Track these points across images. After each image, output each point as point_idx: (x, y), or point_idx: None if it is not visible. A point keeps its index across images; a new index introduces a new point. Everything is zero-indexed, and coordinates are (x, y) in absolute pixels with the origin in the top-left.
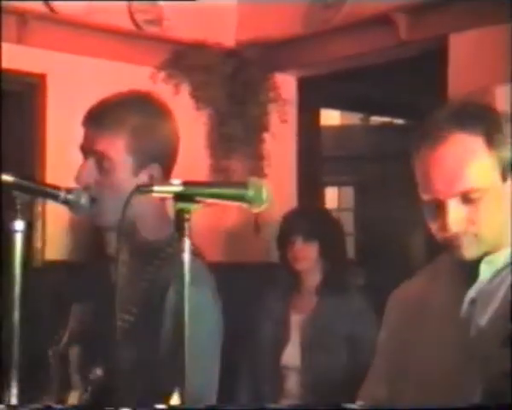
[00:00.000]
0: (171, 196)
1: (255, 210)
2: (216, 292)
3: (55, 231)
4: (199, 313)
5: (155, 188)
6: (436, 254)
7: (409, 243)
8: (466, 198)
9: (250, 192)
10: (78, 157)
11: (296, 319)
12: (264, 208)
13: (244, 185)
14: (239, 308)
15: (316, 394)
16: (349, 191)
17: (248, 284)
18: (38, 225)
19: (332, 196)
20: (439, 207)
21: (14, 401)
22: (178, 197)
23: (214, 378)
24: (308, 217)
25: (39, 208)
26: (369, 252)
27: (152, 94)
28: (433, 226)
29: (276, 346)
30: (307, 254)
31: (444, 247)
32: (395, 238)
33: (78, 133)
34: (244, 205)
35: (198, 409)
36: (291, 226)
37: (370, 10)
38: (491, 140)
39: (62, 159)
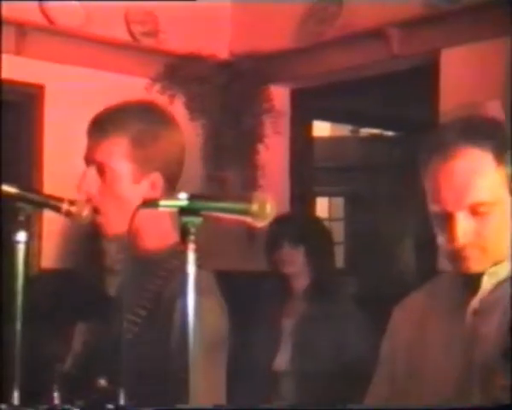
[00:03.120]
0: (176, 209)
1: (259, 224)
2: (223, 302)
3: (51, 240)
4: (207, 326)
5: (161, 202)
6: (425, 265)
7: (398, 252)
8: (474, 211)
9: (254, 207)
10: (76, 167)
11: (287, 324)
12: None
13: (249, 200)
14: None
15: (307, 399)
16: (340, 202)
17: (241, 292)
18: (35, 233)
19: (323, 206)
20: (448, 219)
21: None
22: (184, 211)
23: (222, 388)
24: (296, 222)
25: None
26: (359, 261)
27: (155, 102)
28: (441, 238)
29: (268, 351)
30: (294, 259)
31: (442, 258)
32: (385, 248)
33: (77, 143)
34: (248, 219)
35: (205, 409)
36: (279, 231)
37: (364, 24)
38: (500, 156)
39: (60, 169)
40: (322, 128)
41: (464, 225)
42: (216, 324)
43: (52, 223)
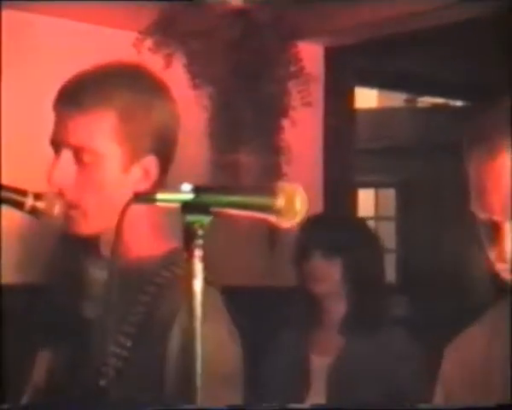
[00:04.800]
0: (178, 205)
1: (286, 224)
2: (234, 330)
3: (9, 247)
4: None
5: (158, 196)
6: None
7: (465, 263)
8: None
9: (280, 201)
10: (44, 150)
11: (319, 363)
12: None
13: (272, 192)
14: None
15: None
16: (390, 195)
17: (258, 315)
18: None
19: (368, 201)
20: (496, 230)
21: None
22: (188, 207)
23: None
24: (331, 226)
25: None
26: (415, 275)
27: (143, 66)
28: (490, 253)
29: (293, 397)
30: (327, 274)
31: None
32: (447, 257)
33: (47, 120)
34: (272, 217)
35: (220, 409)
36: (308, 237)
37: None
38: None
39: (22, 153)
40: (366, 97)
41: None
42: (226, 359)
43: (11, 224)
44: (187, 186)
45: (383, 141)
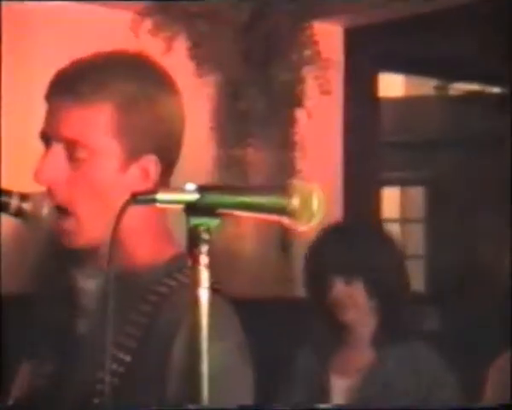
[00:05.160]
0: (181, 206)
1: (301, 227)
2: (245, 347)
3: None
4: (221, 385)
5: (159, 196)
6: None
7: (504, 270)
8: None
9: (294, 201)
10: (36, 146)
11: (339, 386)
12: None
13: (286, 191)
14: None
15: None
16: (417, 193)
17: (271, 330)
18: None
19: (393, 201)
20: None
21: None
22: (192, 209)
23: None
24: (350, 242)
25: None
26: (446, 283)
27: (145, 55)
28: None
29: None
30: (350, 300)
31: None
32: (484, 264)
33: (38, 111)
34: (285, 220)
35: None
36: (326, 260)
37: None
38: None
39: (8, 148)
40: (392, 84)
41: None
42: (234, 383)
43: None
44: (190, 186)
45: (410, 133)
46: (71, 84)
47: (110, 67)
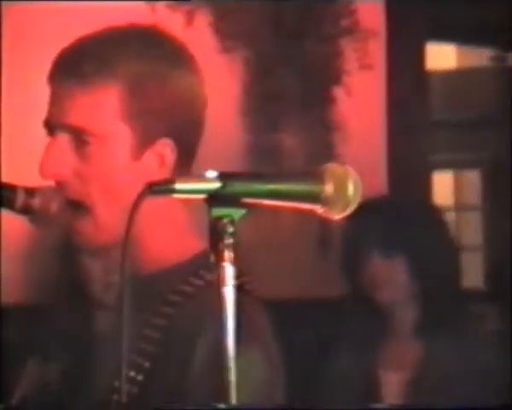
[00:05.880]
0: (202, 196)
1: (336, 215)
2: (276, 353)
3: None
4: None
5: (177, 186)
6: None
7: None
8: None
9: (329, 187)
10: (41, 135)
11: (391, 380)
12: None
13: (319, 177)
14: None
15: None
16: (473, 178)
17: (310, 331)
18: None
19: (445, 187)
20: None
21: None
22: (214, 199)
23: None
24: (390, 213)
25: None
26: (506, 277)
27: (159, 28)
28: None
29: None
30: (389, 277)
31: None
32: None
33: (42, 98)
34: (318, 208)
35: (264, 409)
36: (362, 233)
37: None
38: None
39: (14, 138)
40: (442, 56)
41: None
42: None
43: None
44: (212, 173)
45: (463, 110)
46: (75, 66)
47: (119, 45)
